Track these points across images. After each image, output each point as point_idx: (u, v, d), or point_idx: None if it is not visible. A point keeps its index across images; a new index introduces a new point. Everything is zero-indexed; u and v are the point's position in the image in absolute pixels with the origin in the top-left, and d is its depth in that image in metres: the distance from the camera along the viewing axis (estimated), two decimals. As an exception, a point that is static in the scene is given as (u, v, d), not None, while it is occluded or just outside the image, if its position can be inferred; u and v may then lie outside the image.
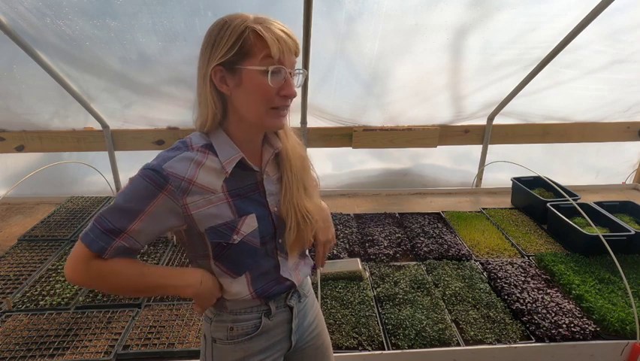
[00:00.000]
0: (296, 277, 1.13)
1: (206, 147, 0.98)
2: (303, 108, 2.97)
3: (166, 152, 0.96)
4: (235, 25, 0.89)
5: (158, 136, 3.14)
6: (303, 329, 1.20)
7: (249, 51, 0.89)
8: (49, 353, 1.65)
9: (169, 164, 0.92)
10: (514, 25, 2.47)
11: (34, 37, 2.34)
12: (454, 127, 3.34)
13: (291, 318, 1.15)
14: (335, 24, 2.41)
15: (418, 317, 1.86)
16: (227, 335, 1.09)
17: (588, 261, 2.29)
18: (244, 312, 1.09)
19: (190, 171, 0.94)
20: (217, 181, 0.97)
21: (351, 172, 3.49)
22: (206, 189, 0.96)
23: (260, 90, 0.91)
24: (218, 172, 0.98)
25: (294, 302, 1.15)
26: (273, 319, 1.11)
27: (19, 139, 3.06)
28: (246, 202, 1.01)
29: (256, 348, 1.10)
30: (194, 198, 0.95)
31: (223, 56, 0.90)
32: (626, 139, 3.50)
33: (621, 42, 2.66)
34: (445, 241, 2.51)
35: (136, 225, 0.93)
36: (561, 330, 1.79)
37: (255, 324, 1.09)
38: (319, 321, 1.28)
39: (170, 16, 2.28)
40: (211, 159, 0.97)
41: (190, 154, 0.95)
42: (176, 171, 0.93)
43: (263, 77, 0.90)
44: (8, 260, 2.29)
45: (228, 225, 0.98)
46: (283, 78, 0.93)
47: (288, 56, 0.92)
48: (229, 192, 0.99)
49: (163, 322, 1.83)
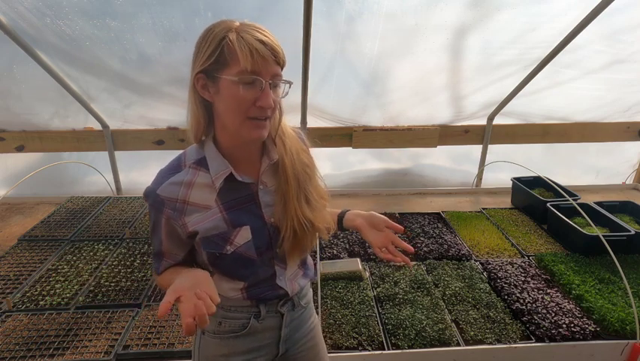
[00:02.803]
0: (291, 286, 1.13)
1: (199, 163, 1.01)
2: (303, 108, 2.97)
3: (162, 171, 1.02)
4: (216, 34, 0.89)
5: (158, 136, 3.14)
6: (294, 340, 1.19)
7: (225, 60, 0.89)
8: (49, 353, 1.65)
9: (162, 188, 0.98)
10: (514, 25, 2.47)
11: (34, 37, 2.34)
12: (454, 127, 3.34)
13: (281, 325, 1.14)
14: (335, 24, 2.41)
15: (418, 317, 1.86)
16: (215, 329, 1.11)
17: (588, 261, 2.29)
18: (234, 310, 1.10)
19: (182, 192, 0.99)
20: (210, 196, 1.00)
21: (351, 172, 3.49)
22: (201, 206, 0.99)
23: (235, 100, 0.91)
24: (211, 187, 1.00)
25: (285, 310, 1.14)
26: (262, 322, 1.11)
27: (19, 139, 3.06)
28: (240, 214, 1.02)
29: (241, 348, 1.11)
30: (191, 217, 0.99)
31: (203, 63, 0.91)
32: (626, 139, 3.50)
33: (621, 42, 2.66)
34: (445, 241, 2.50)
35: (165, 246, 1.05)
36: (561, 330, 1.79)
37: (243, 324, 1.10)
38: (315, 334, 1.26)
39: (170, 16, 2.28)
40: (202, 176, 1.00)
41: (180, 176, 0.99)
42: (169, 195, 0.98)
43: (237, 88, 0.90)
44: (8, 260, 2.29)
45: (221, 235, 1.00)
46: (260, 89, 0.91)
47: (265, 66, 0.89)
48: (223, 205, 1.00)
49: (163, 322, 1.83)
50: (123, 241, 2.50)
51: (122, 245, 2.45)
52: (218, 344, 1.11)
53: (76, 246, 2.43)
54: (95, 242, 2.48)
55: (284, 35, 2.37)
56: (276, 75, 0.93)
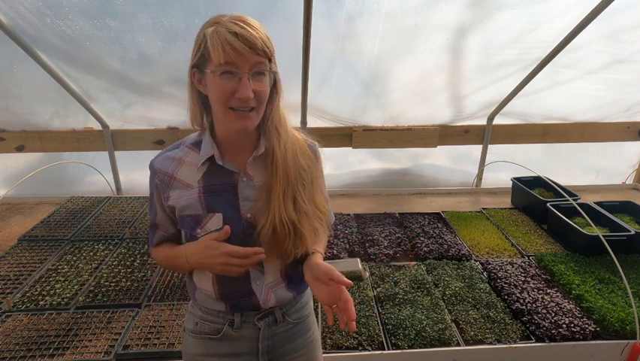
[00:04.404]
0: (265, 295, 1.07)
1: (195, 144, 1.06)
2: (303, 108, 2.97)
3: (164, 149, 1.09)
4: (201, 30, 0.95)
5: (158, 136, 3.14)
6: (281, 352, 1.15)
7: (208, 55, 0.92)
8: (49, 353, 1.65)
9: (158, 160, 1.07)
10: (514, 25, 2.47)
11: (34, 37, 2.34)
12: (454, 127, 3.34)
13: (259, 337, 1.11)
14: (335, 24, 2.41)
15: (418, 317, 1.86)
16: (193, 329, 1.13)
17: (588, 261, 2.29)
18: (210, 313, 1.10)
19: (172, 166, 1.05)
20: (195, 176, 1.04)
21: (351, 172, 3.49)
22: (184, 184, 1.04)
23: (216, 92, 0.94)
24: (197, 168, 1.04)
25: (263, 324, 1.10)
26: (238, 331, 1.09)
27: (19, 139, 3.06)
28: (216, 200, 1.03)
29: (217, 351, 1.11)
30: (174, 192, 1.04)
31: (193, 58, 0.97)
32: (626, 139, 3.50)
33: (621, 42, 2.66)
34: (445, 241, 2.50)
35: (159, 217, 1.10)
36: (561, 330, 1.79)
37: (217, 329, 1.10)
38: (310, 350, 1.19)
39: (170, 16, 2.28)
40: (193, 156, 1.05)
41: (175, 153, 1.07)
42: (161, 167, 1.06)
43: (216, 80, 0.92)
44: (8, 260, 2.29)
45: (194, 217, 1.03)
46: (238, 79, 0.91)
47: (240, 58, 0.90)
48: (203, 187, 1.03)
49: (163, 322, 1.83)
50: (123, 241, 2.50)
51: (122, 245, 2.45)
52: (195, 343, 1.13)
53: (76, 246, 2.43)
54: (95, 242, 2.48)
55: (284, 35, 2.40)
56: (258, 64, 0.93)
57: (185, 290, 2.04)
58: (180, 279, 2.13)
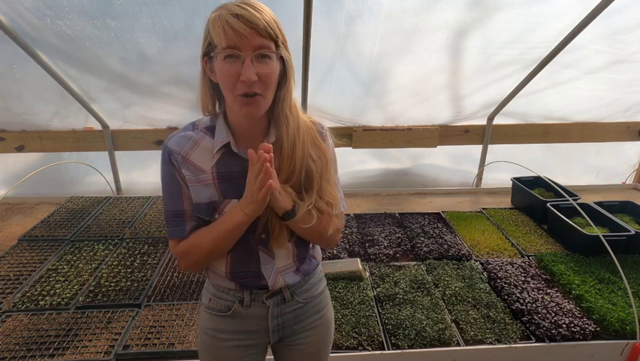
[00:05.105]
0: (274, 279, 1.10)
1: (209, 129, 1.05)
2: (303, 108, 2.96)
3: (178, 130, 1.07)
4: (208, 17, 0.94)
5: (158, 136, 3.14)
6: (293, 330, 1.17)
7: (212, 40, 0.92)
8: (49, 353, 1.65)
9: (171, 140, 1.04)
10: (514, 25, 2.47)
11: (34, 37, 2.34)
12: (454, 127, 3.34)
13: (268, 315, 1.13)
14: (335, 24, 2.41)
15: (418, 317, 1.86)
16: (208, 304, 1.16)
17: (588, 261, 2.29)
18: (221, 290, 1.13)
19: (186, 148, 1.03)
20: (208, 162, 1.03)
21: (351, 172, 3.49)
22: (197, 167, 1.03)
23: (222, 77, 0.94)
24: (211, 153, 1.03)
25: (272, 303, 1.12)
26: (247, 309, 1.12)
27: (19, 139, 3.06)
28: (232, 187, 1.04)
29: (228, 327, 1.14)
30: (187, 173, 1.02)
31: (203, 46, 0.97)
32: (626, 139, 3.50)
33: (621, 42, 2.66)
34: (445, 241, 2.50)
35: (186, 202, 1.05)
36: (561, 330, 1.79)
37: (227, 306, 1.13)
38: (321, 331, 1.22)
39: (170, 16, 2.28)
40: (207, 140, 1.04)
41: (190, 133, 1.05)
42: (175, 147, 1.03)
43: (221, 64, 0.92)
44: (8, 260, 2.29)
45: (212, 205, 1.03)
46: (241, 62, 0.90)
47: (242, 40, 0.88)
48: (217, 174, 1.03)
49: (163, 322, 1.83)
50: (123, 241, 2.50)
51: (122, 245, 2.45)
52: (209, 318, 1.16)
53: (76, 246, 2.43)
54: (95, 242, 2.48)
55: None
56: (261, 47, 0.90)
57: (185, 290, 2.05)
58: (180, 279, 2.13)
